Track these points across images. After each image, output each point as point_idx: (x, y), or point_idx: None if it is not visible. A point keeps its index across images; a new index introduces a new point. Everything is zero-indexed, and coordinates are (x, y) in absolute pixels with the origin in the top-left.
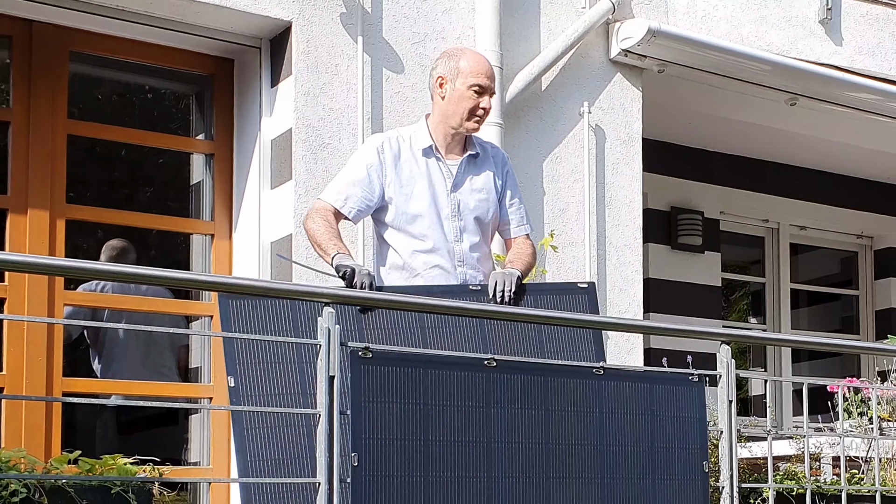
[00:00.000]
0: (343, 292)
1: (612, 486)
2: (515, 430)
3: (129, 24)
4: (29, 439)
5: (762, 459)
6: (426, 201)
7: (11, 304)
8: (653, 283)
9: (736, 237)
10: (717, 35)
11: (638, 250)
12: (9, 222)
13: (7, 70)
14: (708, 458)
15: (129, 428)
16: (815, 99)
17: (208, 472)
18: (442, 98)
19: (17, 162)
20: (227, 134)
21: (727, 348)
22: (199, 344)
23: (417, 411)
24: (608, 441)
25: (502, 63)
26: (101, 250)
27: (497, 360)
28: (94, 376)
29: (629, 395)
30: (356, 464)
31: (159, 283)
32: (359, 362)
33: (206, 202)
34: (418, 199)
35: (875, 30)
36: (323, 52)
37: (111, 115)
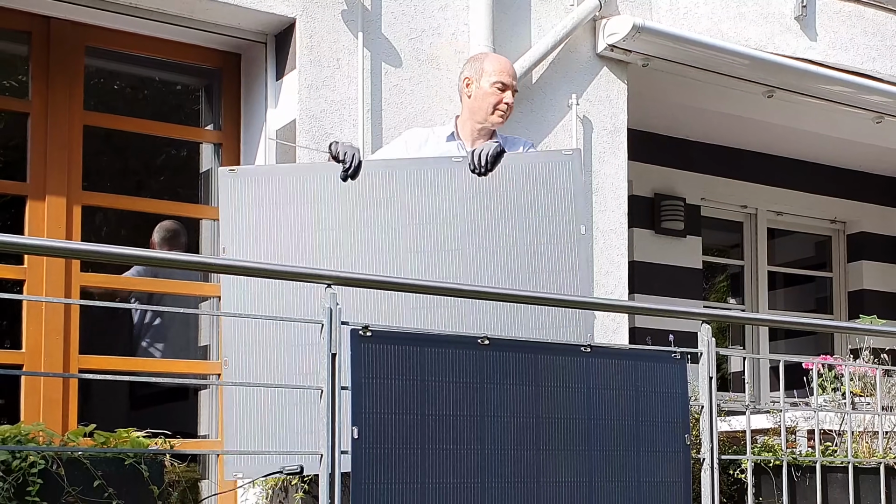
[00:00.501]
0: (344, 274)
1: (598, 457)
2: (507, 405)
3: (141, 21)
4: (47, 414)
5: (741, 432)
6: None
7: (30, 286)
8: (637, 265)
9: (716, 222)
10: (698, 31)
11: (623, 235)
12: (28, 208)
13: (26, 64)
14: (689, 432)
15: (142, 403)
16: (790, 91)
17: (217, 444)
18: (469, 97)
19: (36, 151)
20: (235, 124)
21: (708, 327)
22: (209, 323)
23: (414, 387)
24: (595, 415)
25: None
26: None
27: (490, 338)
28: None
29: (615, 372)
30: (356, 437)
31: (171, 265)
32: (359, 340)
33: (215, 189)
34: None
35: (847, 26)
36: (325, 47)
37: (125, 107)
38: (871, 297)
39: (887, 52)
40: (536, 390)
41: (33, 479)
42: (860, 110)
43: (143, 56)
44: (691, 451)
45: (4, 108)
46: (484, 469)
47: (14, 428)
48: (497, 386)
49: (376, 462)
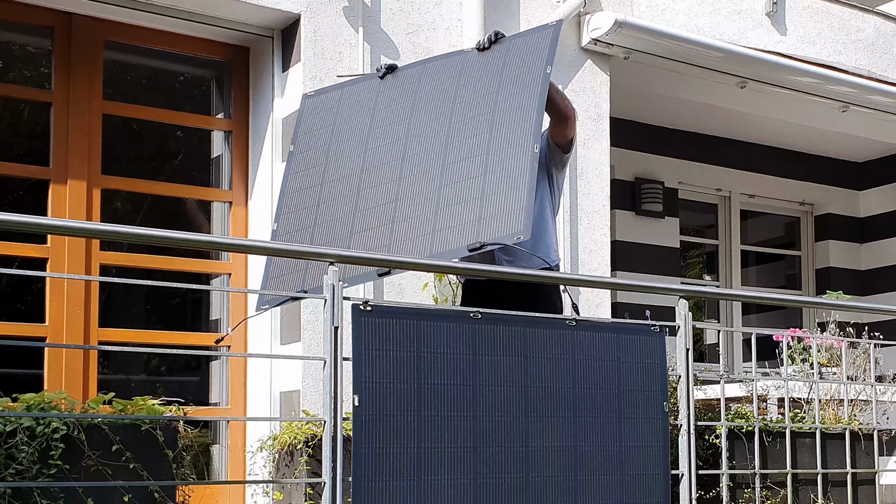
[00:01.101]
0: (346, 252)
1: (583, 424)
2: (498, 375)
3: (157, 17)
4: (69, 383)
5: (715, 400)
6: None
7: (53, 264)
8: (619, 245)
9: (692, 204)
10: (675, 26)
11: (606, 216)
12: (51, 191)
13: (49, 57)
14: (668, 400)
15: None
16: (762, 82)
17: (227, 411)
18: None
19: (58, 138)
20: (244, 113)
21: (685, 302)
22: (219, 298)
23: (411, 358)
24: (580, 384)
25: None
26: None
27: (482, 312)
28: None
29: (598, 344)
30: (357, 404)
31: (185, 245)
32: (359, 315)
33: (225, 173)
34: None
35: (815, 21)
36: (328, 41)
37: (141, 97)
38: (837, 274)
39: (852, 46)
40: (525, 361)
41: (56, 443)
42: (827, 100)
43: (158, 49)
44: (669, 418)
45: (29, 97)
46: (476, 434)
47: (38, 396)
48: (488, 357)
49: (376, 428)
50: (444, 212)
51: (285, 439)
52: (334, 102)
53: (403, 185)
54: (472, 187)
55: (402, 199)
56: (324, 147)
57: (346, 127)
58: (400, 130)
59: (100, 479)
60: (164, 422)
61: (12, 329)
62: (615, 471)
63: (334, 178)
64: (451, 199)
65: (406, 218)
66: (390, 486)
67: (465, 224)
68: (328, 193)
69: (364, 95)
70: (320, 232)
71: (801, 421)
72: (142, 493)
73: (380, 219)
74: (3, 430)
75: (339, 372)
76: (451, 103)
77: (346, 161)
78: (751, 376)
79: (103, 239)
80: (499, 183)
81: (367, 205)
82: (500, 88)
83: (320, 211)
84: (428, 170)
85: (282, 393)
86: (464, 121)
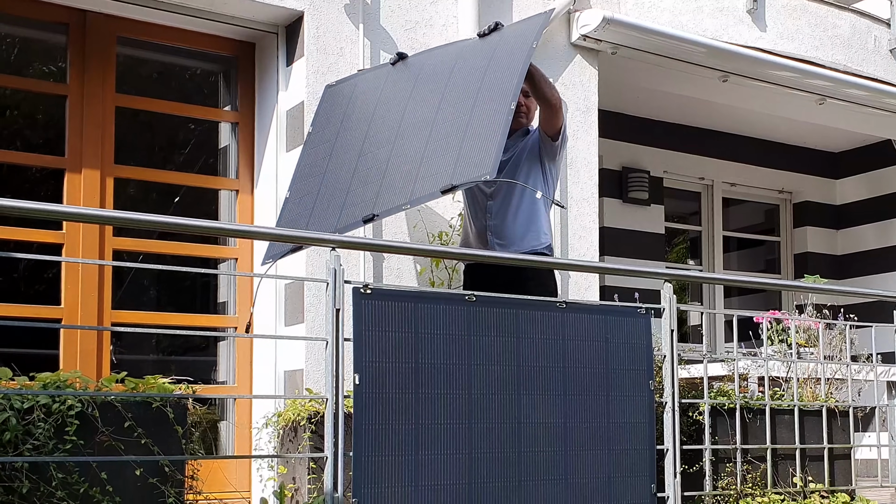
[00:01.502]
0: (346, 238)
1: (572, 401)
2: (492, 355)
3: (167, 14)
4: (83, 362)
5: (699, 379)
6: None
7: (68, 249)
8: (607, 231)
9: (677, 192)
10: (660, 22)
11: (594, 203)
12: (66, 180)
13: (65, 52)
14: (653, 378)
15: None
16: (743, 76)
17: (233, 389)
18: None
19: (73, 129)
20: (250, 105)
21: (669, 286)
22: (226, 282)
23: (409, 339)
24: (569, 364)
25: None
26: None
27: (476, 295)
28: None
29: (587, 326)
30: (357, 383)
31: (194, 231)
32: (360, 297)
33: (232, 163)
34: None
35: (794, 18)
36: (330, 37)
37: (152, 90)
38: (815, 259)
39: (829, 42)
40: (517, 342)
41: (71, 420)
42: (804, 93)
43: (168, 45)
44: (655, 396)
45: (45, 91)
46: (471, 411)
47: (54, 375)
48: (482, 338)
49: (375, 405)
50: (426, 163)
51: (289, 416)
52: (350, 88)
53: (396, 147)
54: (452, 142)
55: (393, 158)
56: (335, 127)
57: (356, 108)
58: (399, 104)
59: (113, 453)
60: (174, 399)
61: (29, 311)
62: (603, 446)
63: (340, 150)
64: (434, 152)
65: (394, 172)
66: (389, 461)
67: (442, 171)
68: (333, 163)
69: (375, 81)
70: (323, 195)
71: (780, 398)
72: (153, 467)
73: (373, 176)
74: (21, 407)
75: (341, 352)
76: (446, 78)
77: (353, 135)
78: (732, 356)
79: (116, 225)
80: (475, 135)
81: (364, 167)
82: (490, 63)
83: (325, 178)
84: (418, 132)
85: (286, 372)
86: (455, 91)
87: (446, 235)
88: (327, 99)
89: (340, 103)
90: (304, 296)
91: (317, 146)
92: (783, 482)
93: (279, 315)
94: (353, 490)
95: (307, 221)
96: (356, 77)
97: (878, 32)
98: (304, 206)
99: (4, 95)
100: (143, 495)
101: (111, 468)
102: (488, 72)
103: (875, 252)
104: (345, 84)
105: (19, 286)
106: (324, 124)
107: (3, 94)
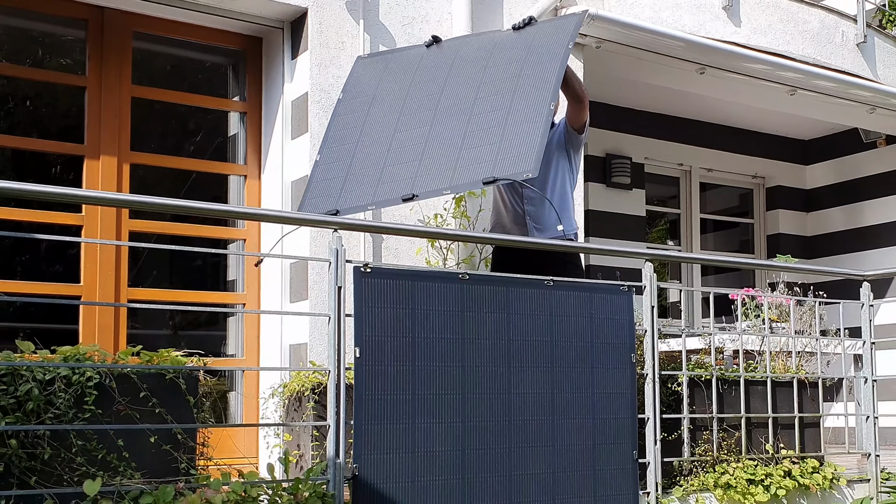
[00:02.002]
0: (348, 220)
1: (560, 373)
2: (484, 330)
3: (180, 10)
4: (101, 337)
5: (677, 352)
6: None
7: (87, 230)
8: (592, 213)
9: (657, 177)
10: (642, 18)
11: (580, 188)
12: (85, 166)
13: (84, 46)
14: (635, 351)
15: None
16: (719, 69)
17: (242, 362)
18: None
19: (92, 118)
20: (257, 96)
21: (650, 265)
22: (235, 261)
23: (406, 315)
24: (557, 338)
25: None
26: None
27: (469, 274)
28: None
29: (573, 302)
30: (358, 356)
31: (205, 214)
32: (360, 276)
33: (240, 150)
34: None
35: (767, 14)
36: (332, 32)
37: (166, 82)
38: (786, 240)
39: (799, 37)
40: (508, 317)
41: (90, 390)
42: (776, 85)
43: (181, 39)
44: (636, 368)
45: (66, 82)
46: (464, 383)
47: (74, 349)
48: (475, 314)
49: (375, 377)
50: (466, 151)
51: (294, 387)
52: (382, 63)
53: (434, 129)
54: (492, 133)
55: (431, 140)
56: (367, 98)
57: (390, 82)
58: (436, 86)
59: (129, 422)
60: (186, 371)
61: (51, 289)
62: (588, 415)
63: (374, 122)
64: (474, 141)
65: (433, 155)
66: (387, 429)
67: (483, 162)
68: (367, 134)
69: (409, 59)
70: (356, 165)
71: (753, 370)
72: (166, 434)
73: (410, 155)
74: (43, 378)
75: (342, 327)
76: (483, 66)
77: (386, 109)
78: (709, 331)
79: (132, 208)
80: (516, 130)
81: (399, 144)
82: (527, 57)
83: (359, 148)
84: (457, 117)
85: (291, 346)
86: (493, 80)
87: (440, 217)
88: (358, 69)
89: (372, 76)
90: (307, 274)
91: (347, 114)
92: (756, 449)
93: (285, 292)
94: (353, 456)
95: (340, 187)
96: (389, 53)
97: (846, 28)
98: (335, 172)
99: (28, 86)
100: (158, 461)
101: (127, 436)
102: (525, 66)
103: (842, 233)
104: (377, 58)
105: (41, 265)
106: (354, 93)
107: (26, 86)
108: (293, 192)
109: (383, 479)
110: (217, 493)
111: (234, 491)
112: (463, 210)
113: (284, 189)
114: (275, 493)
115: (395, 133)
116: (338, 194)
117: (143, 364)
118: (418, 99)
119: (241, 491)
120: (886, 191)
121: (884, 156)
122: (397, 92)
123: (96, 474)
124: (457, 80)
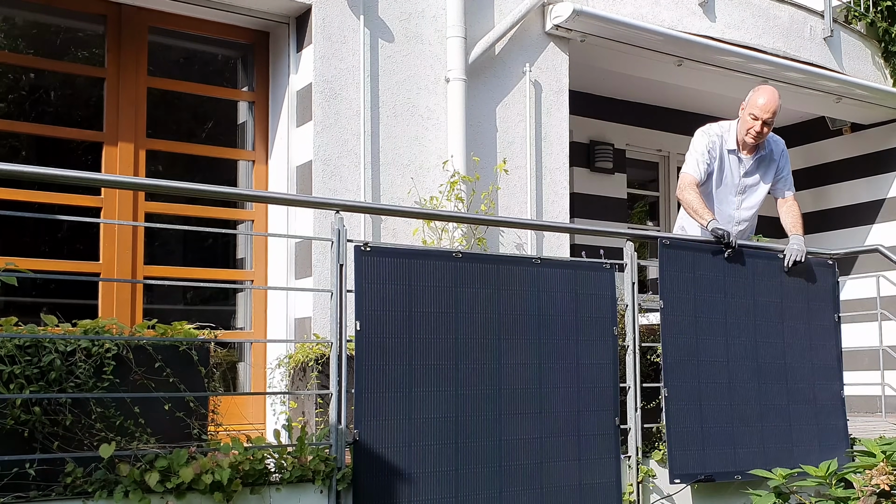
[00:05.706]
0: (350, 202)
1: (547, 345)
2: (476, 304)
3: (193, 6)
4: (119, 311)
5: (656, 325)
6: (722, 182)
7: (106, 211)
8: (576, 196)
9: (637, 162)
10: (623, 14)
11: (565, 172)
12: (104, 152)
13: (103, 40)
14: (617, 325)
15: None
16: (695, 61)
17: (250, 334)
18: (740, 114)
19: (110, 107)
20: (264, 87)
21: (631, 244)
22: (244, 241)
23: (403, 290)
24: (544, 313)
25: (466, 34)
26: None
27: (462, 252)
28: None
29: (559, 279)
30: (358, 329)
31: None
32: (360, 254)
33: (249, 137)
34: (717, 181)
35: (740, 10)
36: (334, 26)
37: (179, 73)
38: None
39: (770, 31)
40: (498, 293)
41: (108, 361)
42: (749, 76)
43: (193, 33)
44: (618, 340)
45: (85, 73)
46: (458, 353)
47: (93, 322)
48: (468, 289)
49: (374, 348)
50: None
51: (299, 358)
52: (690, 258)
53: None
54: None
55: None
56: (688, 291)
57: (705, 283)
58: (746, 302)
59: (145, 391)
60: (198, 343)
61: (72, 266)
62: (573, 384)
63: (703, 319)
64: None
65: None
66: (386, 397)
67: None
68: (700, 325)
69: (713, 263)
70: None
71: None
72: (179, 402)
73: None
74: (65, 349)
75: (344, 302)
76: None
77: (711, 309)
78: None
79: (148, 191)
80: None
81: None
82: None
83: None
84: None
85: (296, 319)
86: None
87: (436, 200)
88: (668, 257)
89: (684, 267)
90: (311, 253)
91: (675, 304)
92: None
93: (290, 269)
94: (354, 422)
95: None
96: (691, 246)
97: (814, 23)
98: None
99: (50, 78)
100: (171, 427)
101: (143, 403)
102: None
103: (812, 214)
104: (684, 252)
105: (63, 245)
106: (673, 280)
107: (48, 77)
108: (298, 176)
109: (382, 443)
110: (226, 456)
111: (242, 454)
112: (458, 193)
113: (290, 173)
114: (281, 457)
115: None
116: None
117: (157, 336)
118: (736, 312)
119: (250, 455)
120: (851, 175)
121: (849, 142)
122: (716, 294)
123: (114, 439)
124: (762, 303)
